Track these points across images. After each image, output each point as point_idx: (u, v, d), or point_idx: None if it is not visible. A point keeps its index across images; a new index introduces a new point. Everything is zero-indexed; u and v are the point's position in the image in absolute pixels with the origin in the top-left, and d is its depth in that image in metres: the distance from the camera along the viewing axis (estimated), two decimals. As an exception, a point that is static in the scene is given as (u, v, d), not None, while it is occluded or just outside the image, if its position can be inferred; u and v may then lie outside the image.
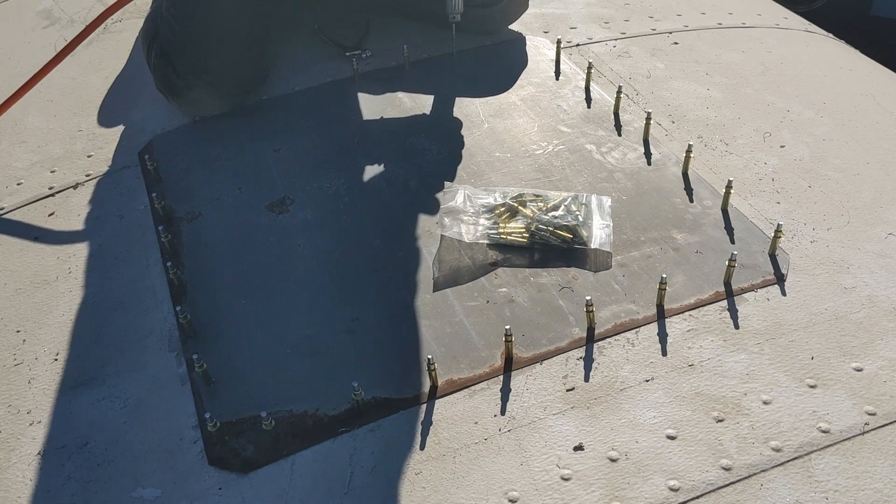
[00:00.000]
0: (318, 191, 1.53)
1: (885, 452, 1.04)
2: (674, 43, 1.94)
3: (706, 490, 1.01)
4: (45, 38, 2.24)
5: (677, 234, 1.37)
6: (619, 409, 1.11)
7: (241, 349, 1.25)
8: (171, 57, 1.68)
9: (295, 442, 1.11)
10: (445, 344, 1.22)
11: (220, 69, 1.69)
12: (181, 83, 1.69)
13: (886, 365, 1.15)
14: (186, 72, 1.67)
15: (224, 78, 1.70)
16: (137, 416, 1.18)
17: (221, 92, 1.71)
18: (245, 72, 1.76)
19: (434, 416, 1.12)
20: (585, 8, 2.11)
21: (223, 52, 1.69)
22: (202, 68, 1.67)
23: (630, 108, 1.69)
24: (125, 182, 1.62)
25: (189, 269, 1.39)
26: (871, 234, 1.37)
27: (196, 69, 1.67)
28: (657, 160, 1.55)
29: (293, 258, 1.39)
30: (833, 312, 1.23)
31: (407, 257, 1.37)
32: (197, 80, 1.68)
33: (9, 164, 1.74)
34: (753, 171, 1.52)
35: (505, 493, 1.02)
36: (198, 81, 1.68)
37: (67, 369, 1.26)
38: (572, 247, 1.34)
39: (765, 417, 1.09)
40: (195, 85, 1.68)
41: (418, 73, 1.84)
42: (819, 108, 1.72)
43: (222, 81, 1.70)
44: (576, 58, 1.88)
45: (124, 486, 1.09)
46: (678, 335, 1.21)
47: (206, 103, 1.73)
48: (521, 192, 1.44)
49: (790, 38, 2.08)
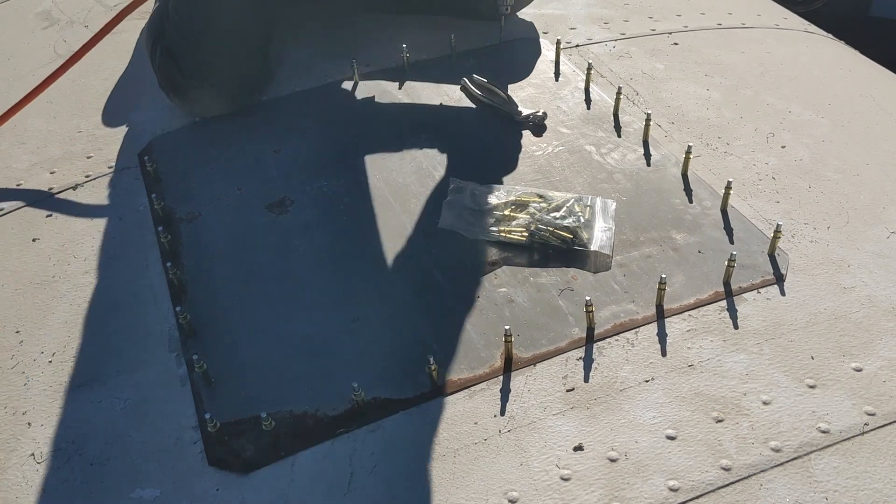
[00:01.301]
0: (317, 191, 1.53)
1: (885, 453, 1.04)
2: (673, 44, 1.94)
3: (706, 490, 1.01)
4: (45, 40, 2.24)
5: (677, 235, 1.37)
6: (619, 410, 1.11)
7: (240, 349, 1.25)
8: (175, 56, 1.68)
9: (295, 442, 1.11)
10: (445, 344, 1.22)
11: (225, 70, 1.69)
12: (185, 83, 1.69)
13: (886, 365, 1.15)
14: (191, 72, 1.68)
15: (228, 79, 1.70)
16: (137, 417, 1.18)
17: (225, 93, 1.71)
18: (249, 73, 1.76)
19: (434, 417, 1.12)
20: (585, 9, 2.11)
21: (228, 53, 1.69)
22: (207, 69, 1.67)
23: (630, 109, 1.70)
24: (125, 183, 1.62)
25: (189, 270, 1.39)
26: (870, 235, 1.37)
27: (201, 69, 1.67)
28: (657, 161, 1.55)
29: (293, 259, 1.39)
30: (832, 312, 1.23)
31: (407, 257, 1.37)
32: (201, 81, 1.68)
33: (9, 166, 1.74)
34: (753, 171, 1.52)
35: (505, 494, 1.02)
36: (202, 82, 1.68)
37: (67, 370, 1.26)
38: (572, 248, 1.34)
39: (764, 417, 1.09)
40: (199, 85, 1.68)
41: (418, 73, 1.85)
42: (818, 108, 1.72)
43: (226, 82, 1.70)
44: (575, 59, 1.88)
45: (124, 486, 1.09)
46: (678, 335, 1.21)
47: (209, 104, 1.73)
48: (524, 192, 1.44)
49: (790, 38, 2.08)
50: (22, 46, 2.24)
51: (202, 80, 1.68)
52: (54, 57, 2.13)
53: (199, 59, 1.68)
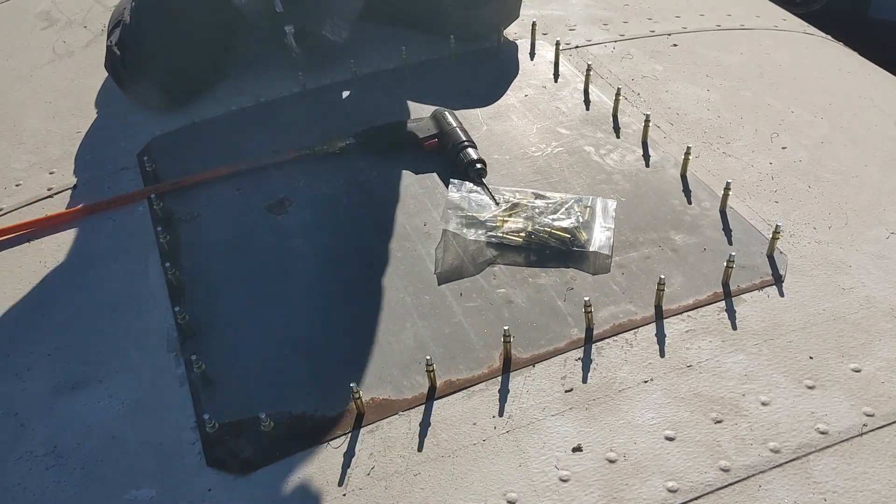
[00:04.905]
0: (316, 192, 1.53)
1: (884, 454, 1.04)
2: (673, 45, 1.94)
3: (705, 491, 1.01)
4: (44, 40, 2.24)
5: (676, 236, 1.37)
6: (618, 410, 1.11)
7: (239, 350, 1.25)
8: (122, 47, 1.74)
9: (294, 443, 1.11)
10: (444, 345, 1.22)
11: (163, 65, 1.74)
12: (125, 74, 1.76)
13: (884, 366, 1.15)
14: (132, 64, 1.74)
15: (166, 74, 1.75)
16: (135, 417, 1.17)
17: (163, 87, 1.76)
18: (192, 71, 1.80)
19: (432, 418, 1.12)
20: (584, 10, 2.11)
21: (174, 52, 1.74)
22: (146, 62, 1.73)
23: (629, 111, 1.70)
24: (124, 183, 1.62)
25: (188, 270, 1.39)
26: (869, 236, 1.37)
27: (140, 63, 1.73)
28: (656, 162, 1.55)
29: (292, 259, 1.39)
30: (831, 313, 1.23)
31: (405, 257, 1.37)
32: (139, 74, 1.74)
33: (8, 166, 1.74)
34: (752, 172, 1.52)
35: (503, 495, 1.02)
36: (140, 75, 1.74)
37: (65, 370, 1.26)
38: (571, 248, 1.34)
39: (763, 418, 1.09)
40: (137, 78, 1.75)
41: (418, 74, 1.85)
42: (817, 110, 1.72)
43: (164, 77, 1.75)
44: (575, 60, 1.88)
45: (122, 487, 1.09)
46: (676, 336, 1.21)
47: (149, 97, 1.78)
48: (524, 193, 1.44)
49: (789, 39, 2.08)
50: (21, 46, 2.23)
51: (140, 73, 1.74)
52: (53, 57, 2.13)
53: (140, 52, 1.73)
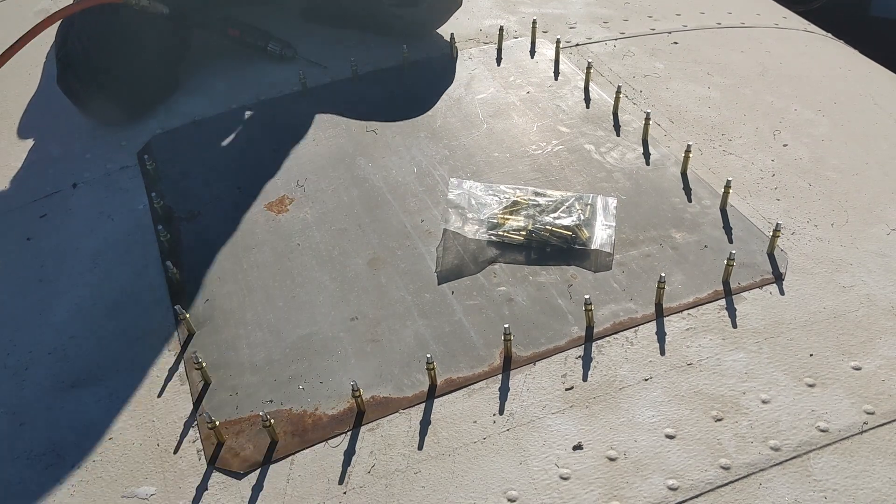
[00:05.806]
0: (317, 190, 1.53)
1: (884, 452, 1.04)
2: (673, 43, 1.94)
3: (705, 489, 1.01)
4: (44, 39, 2.23)
5: (676, 234, 1.37)
6: (618, 408, 1.11)
7: (239, 348, 1.25)
8: (75, 64, 1.72)
9: (294, 441, 1.11)
10: (444, 343, 1.22)
11: (121, 84, 1.73)
12: (83, 91, 1.74)
13: (885, 364, 1.15)
14: (88, 79, 1.72)
15: (125, 88, 1.73)
16: (136, 416, 1.18)
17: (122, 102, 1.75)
18: (147, 88, 1.78)
19: (433, 416, 1.12)
20: (584, 8, 2.11)
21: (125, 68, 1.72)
22: (104, 77, 1.71)
23: (629, 108, 1.69)
24: (124, 182, 1.62)
25: (188, 269, 1.39)
26: (869, 234, 1.37)
27: (97, 78, 1.71)
28: (656, 160, 1.55)
29: (292, 257, 1.39)
30: (832, 311, 1.23)
31: (406, 256, 1.37)
32: (98, 89, 1.72)
33: (7, 164, 1.74)
34: (752, 170, 1.52)
35: (504, 493, 1.02)
36: (99, 90, 1.72)
37: (65, 369, 1.26)
38: (572, 246, 1.34)
39: (763, 416, 1.09)
40: (96, 94, 1.73)
41: (417, 74, 1.85)
42: (818, 108, 1.72)
43: (123, 92, 1.74)
44: (575, 58, 1.88)
45: (122, 485, 1.09)
46: (677, 334, 1.21)
47: (107, 112, 1.76)
48: (525, 191, 1.44)
49: (789, 37, 2.08)
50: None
51: (99, 88, 1.72)
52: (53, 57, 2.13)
53: (96, 67, 1.71)
